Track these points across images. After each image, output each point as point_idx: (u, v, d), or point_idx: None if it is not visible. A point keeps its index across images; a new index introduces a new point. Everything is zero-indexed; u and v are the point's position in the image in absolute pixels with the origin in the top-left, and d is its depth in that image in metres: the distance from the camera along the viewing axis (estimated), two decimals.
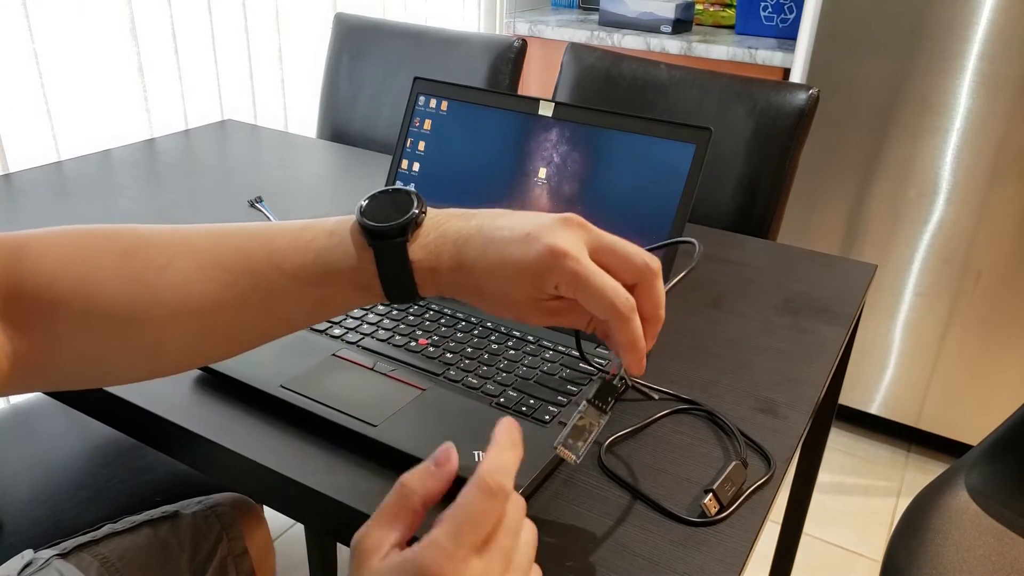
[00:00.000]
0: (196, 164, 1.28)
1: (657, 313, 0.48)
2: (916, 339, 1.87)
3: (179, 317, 0.47)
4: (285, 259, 0.48)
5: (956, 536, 0.94)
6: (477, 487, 0.36)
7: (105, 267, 0.46)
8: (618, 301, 0.45)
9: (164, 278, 0.46)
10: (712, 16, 2.35)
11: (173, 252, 0.47)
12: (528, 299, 0.47)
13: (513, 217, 0.47)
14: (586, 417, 0.47)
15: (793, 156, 1.24)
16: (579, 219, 0.47)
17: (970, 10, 1.57)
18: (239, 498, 0.92)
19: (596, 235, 0.47)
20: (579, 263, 0.45)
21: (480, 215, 0.48)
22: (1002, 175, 1.66)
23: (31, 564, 0.77)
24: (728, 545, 0.55)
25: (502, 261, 0.46)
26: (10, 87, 1.33)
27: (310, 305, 0.49)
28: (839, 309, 0.88)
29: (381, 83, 1.59)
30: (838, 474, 1.92)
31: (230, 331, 0.49)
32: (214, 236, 0.48)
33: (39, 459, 0.99)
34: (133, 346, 0.47)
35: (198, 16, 1.60)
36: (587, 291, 0.45)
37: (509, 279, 0.46)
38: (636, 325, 0.45)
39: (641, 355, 0.46)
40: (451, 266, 0.47)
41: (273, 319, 0.49)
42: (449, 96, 0.84)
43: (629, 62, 1.37)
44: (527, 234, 0.46)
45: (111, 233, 0.48)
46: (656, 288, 0.47)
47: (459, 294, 0.48)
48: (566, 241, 0.45)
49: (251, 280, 0.48)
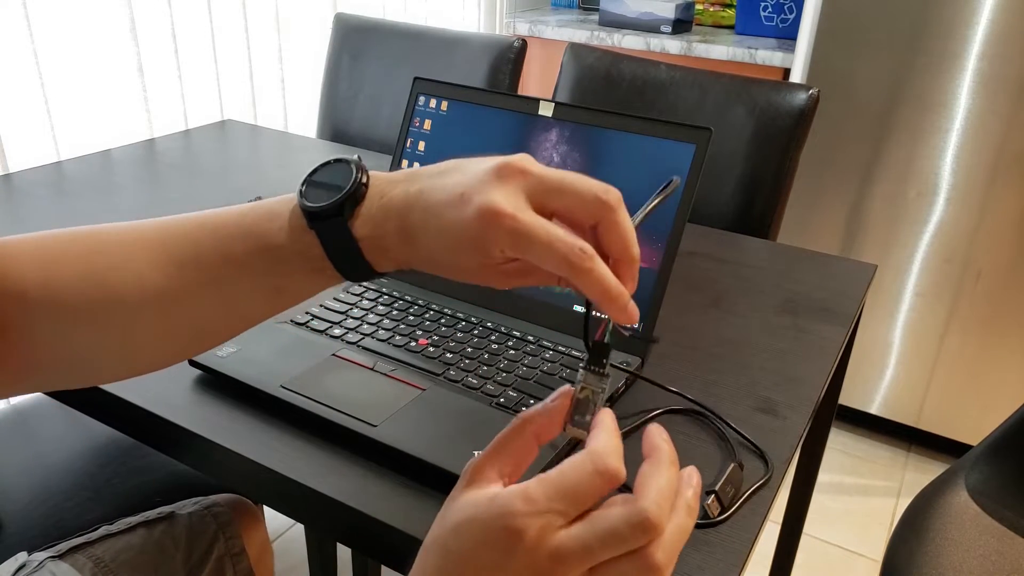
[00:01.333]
0: (196, 164, 1.28)
1: (627, 252, 0.41)
2: (916, 339, 1.87)
3: (141, 314, 0.46)
4: (231, 248, 0.45)
5: (956, 536, 0.94)
6: (591, 459, 0.34)
7: (69, 268, 0.46)
8: (569, 253, 0.38)
9: (121, 276, 0.46)
10: (712, 16, 2.35)
11: (128, 249, 0.46)
12: (480, 265, 0.42)
13: (453, 174, 0.42)
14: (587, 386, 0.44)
15: (793, 156, 1.24)
16: (519, 164, 0.41)
17: (970, 10, 1.57)
18: (236, 498, 0.92)
19: (537, 178, 0.41)
20: (516, 220, 0.39)
21: (425, 174, 0.43)
22: (1002, 175, 1.66)
23: (25, 566, 0.77)
24: (728, 545, 0.55)
25: (441, 229, 0.41)
26: (10, 87, 1.33)
27: (267, 293, 0.46)
28: (839, 309, 0.88)
29: (381, 83, 1.59)
30: (838, 474, 1.92)
31: (193, 324, 0.47)
32: (165, 229, 0.47)
33: (39, 459, 0.99)
34: (104, 345, 0.47)
35: (198, 16, 1.60)
36: (532, 249, 0.39)
37: (453, 248, 0.41)
38: (599, 272, 0.39)
39: (621, 302, 0.40)
40: (399, 238, 0.43)
41: (233, 311, 0.47)
42: (449, 96, 0.84)
43: (629, 62, 1.37)
44: (460, 195, 0.40)
45: (74, 235, 0.47)
46: (618, 223, 0.41)
47: (415, 266, 0.44)
48: (499, 198, 0.39)
49: (202, 273, 0.45)
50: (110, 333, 0.47)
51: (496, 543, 0.34)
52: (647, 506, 0.33)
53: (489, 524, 0.34)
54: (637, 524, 0.33)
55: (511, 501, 0.34)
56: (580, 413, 0.43)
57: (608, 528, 0.33)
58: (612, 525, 0.33)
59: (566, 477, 0.34)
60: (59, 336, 0.46)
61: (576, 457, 0.35)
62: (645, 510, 0.33)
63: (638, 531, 0.33)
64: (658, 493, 0.34)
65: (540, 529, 0.33)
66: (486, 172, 0.41)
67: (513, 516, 0.33)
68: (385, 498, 0.58)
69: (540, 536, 0.33)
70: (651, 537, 0.33)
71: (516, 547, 0.33)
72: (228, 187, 1.19)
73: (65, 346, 0.47)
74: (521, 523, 0.33)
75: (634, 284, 0.42)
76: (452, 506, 0.36)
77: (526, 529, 0.33)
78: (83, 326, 0.46)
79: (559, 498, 0.33)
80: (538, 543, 0.33)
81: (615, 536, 0.33)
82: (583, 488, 0.34)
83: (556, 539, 0.33)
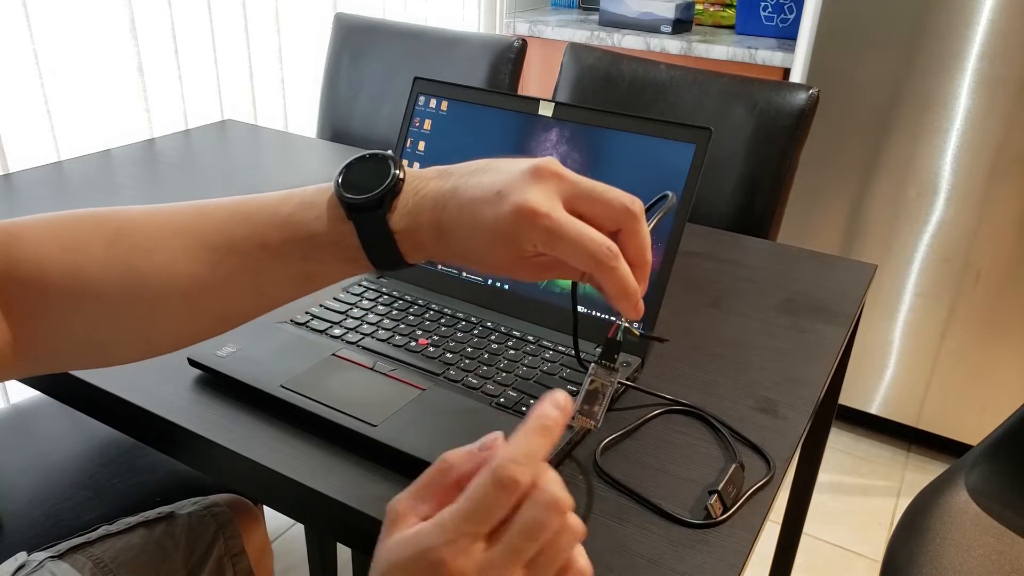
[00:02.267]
0: (196, 164, 1.28)
1: (643, 257, 0.45)
2: (916, 339, 1.87)
3: (168, 299, 0.47)
4: (266, 235, 0.47)
5: (956, 536, 0.94)
6: (490, 474, 0.34)
7: (93, 253, 0.46)
8: (598, 251, 0.42)
9: (151, 261, 0.46)
10: (712, 16, 2.35)
11: (159, 235, 0.47)
12: (512, 259, 0.45)
13: (487, 173, 0.45)
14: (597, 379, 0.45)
15: (793, 156, 1.24)
16: (553, 168, 0.44)
17: (970, 10, 1.57)
18: (236, 498, 0.92)
19: (571, 183, 0.44)
20: (551, 219, 0.42)
21: (457, 173, 0.46)
22: (1002, 175, 1.66)
23: (24, 566, 0.77)
24: (728, 545, 0.55)
25: (476, 224, 0.44)
26: (10, 87, 1.32)
27: (297, 279, 0.48)
28: (839, 309, 0.88)
29: (381, 83, 1.59)
30: (838, 474, 1.92)
31: (220, 309, 0.48)
32: (198, 215, 0.48)
33: (39, 459, 0.99)
34: (126, 328, 0.47)
35: (198, 16, 1.60)
36: (563, 246, 0.42)
37: (487, 242, 0.44)
38: (623, 271, 0.43)
39: (635, 300, 0.44)
40: (432, 233, 0.45)
41: (262, 296, 0.49)
42: (449, 96, 0.84)
43: (629, 62, 1.36)
44: (497, 192, 0.43)
45: (98, 217, 0.48)
46: (639, 232, 0.45)
47: (446, 258, 0.47)
48: (536, 197, 0.42)
49: (237, 259, 0.47)
50: (134, 317, 0.47)
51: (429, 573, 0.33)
52: (496, 460, 0.33)
53: (412, 563, 0.34)
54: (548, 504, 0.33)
55: (427, 536, 0.34)
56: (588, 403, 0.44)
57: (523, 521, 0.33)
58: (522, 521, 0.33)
59: (469, 495, 0.34)
60: (80, 319, 0.46)
61: (478, 475, 0.34)
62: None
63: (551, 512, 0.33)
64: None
65: (457, 554, 0.33)
66: (522, 172, 0.43)
67: (431, 549, 0.33)
68: (385, 498, 0.57)
69: (459, 561, 0.33)
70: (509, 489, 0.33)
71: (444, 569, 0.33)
72: (228, 187, 1.19)
73: (85, 330, 0.47)
74: (439, 554, 0.33)
75: (646, 286, 0.45)
76: (380, 550, 0.36)
77: (445, 559, 0.33)
78: (106, 311, 0.46)
79: (466, 520, 0.33)
80: (461, 568, 0.33)
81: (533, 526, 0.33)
82: (487, 503, 0.33)
83: (475, 560, 0.33)
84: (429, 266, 0.84)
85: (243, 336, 0.72)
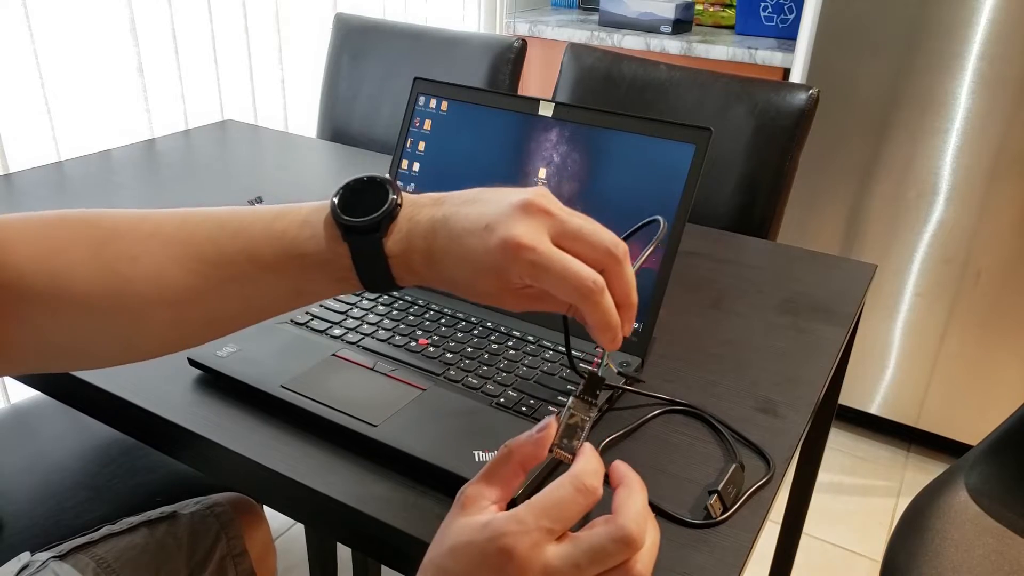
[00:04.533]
0: (196, 164, 1.28)
1: (628, 299, 0.46)
2: (916, 339, 1.87)
3: (154, 307, 0.47)
4: (258, 250, 0.47)
5: (956, 536, 0.94)
6: (570, 479, 0.38)
7: (77, 259, 0.46)
8: (582, 285, 0.43)
9: (137, 269, 0.46)
10: (712, 16, 2.35)
11: (146, 242, 0.47)
12: (500, 289, 0.46)
13: (477, 204, 0.46)
14: (576, 413, 0.46)
15: (793, 156, 1.24)
16: (542, 203, 0.44)
17: (970, 10, 1.57)
18: (238, 498, 0.92)
19: (559, 221, 0.44)
20: (536, 253, 0.43)
21: (450, 201, 0.47)
22: (1002, 175, 1.66)
23: (28, 566, 0.77)
24: (728, 545, 0.55)
25: (465, 255, 0.44)
26: (10, 87, 1.33)
27: (286, 295, 0.48)
28: (839, 309, 0.88)
29: (381, 83, 1.59)
30: (838, 474, 1.92)
31: (206, 319, 0.49)
32: (186, 225, 0.48)
33: (39, 459, 0.99)
34: (108, 335, 0.47)
35: (198, 16, 1.60)
36: (549, 279, 0.43)
37: (475, 273, 0.45)
38: (605, 305, 0.44)
39: (615, 333, 0.45)
40: (423, 259, 0.46)
41: (250, 308, 0.49)
42: (449, 96, 0.84)
43: (629, 62, 1.37)
44: (485, 226, 0.44)
45: (82, 222, 0.47)
46: (623, 274, 0.45)
47: (436, 284, 0.47)
48: (524, 232, 0.43)
49: (226, 271, 0.47)
50: (118, 324, 0.47)
51: (491, 563, 0.37)
52: (627, 523, 0.37)
53: (484, 546, 0.37)
54: (620, 539, 0.37)
55: (503, 524, 0.38)
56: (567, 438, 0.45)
57: (594, 544, 0.37)
58: (598, 541, 0.37)
59: (549, 497, 0.38)
60: (61, 325, 0.46)
61: (559, 480, 0.39)
62: (626, 527, 0.37)
63: (621, 546, 0.37)
64: (636, 512, 0.38)
65: (530, 546, 0.37)
66: (511, 206, 0.44)
67: (504, 536, 0.37)
68: (385, 498, 0.58)
69: (530, 552, 0.37)
70: (632, 551, 0.37)
71: (508, 564, 0.37)
72: (228, 187, 1.19)
73: (65, 335, 0.47)
74: (512, 541, 0.37)
75: (631, 327, 0.47)
76: (448, 531, 0.40)
77: (516, 546, 0.37)
78: (89, 316, 0.46)
79: (544, 516, 0.37)
80: (529, 559, 0.37)
81: (601, 552, 0.37)
82: (565, 506, 0.38)
83: (545, 555, 0.37)
84: None
85: (243, 336, 0.72)
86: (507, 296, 0.47)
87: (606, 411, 0.68)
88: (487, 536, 0.37)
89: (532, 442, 0.42)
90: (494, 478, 0.41)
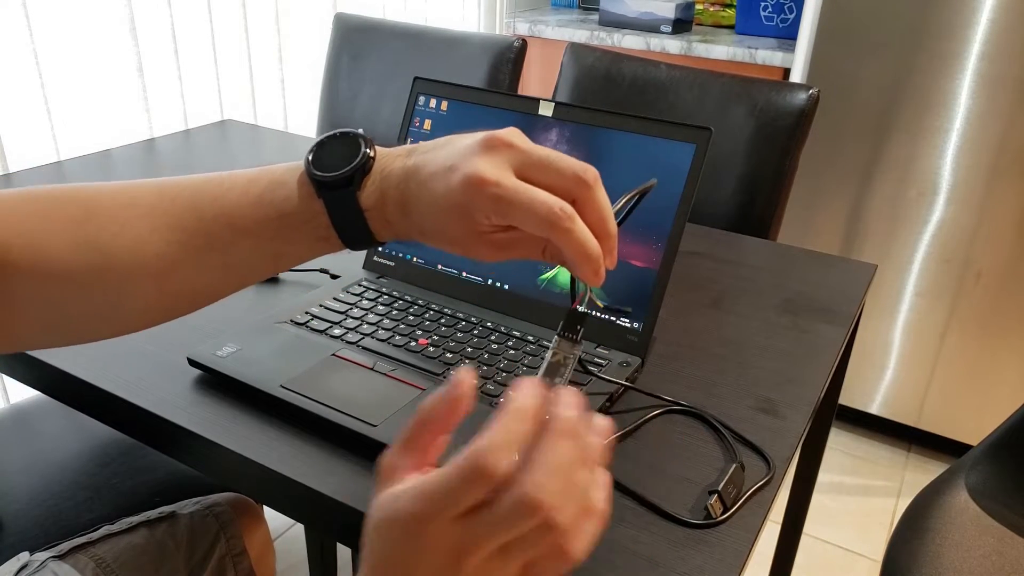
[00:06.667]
0: (196, 164, 1.28)
1: (604, 227, 0.43)
2: (916, 339, 1.87)
3: (136, 279, 0.47)
4: (237, 215, 0.46)
5: (956, 536, 0.94)
6: (466, 460, 0.32)
7: (58, 233, 0.46)
8: (550, 213, 0.41)
9: (118, 242, 0.46)
10: (712, 16, 2.35)
11: (126, 214, 0.47)
12: (469, 234, 0.44)
13: (444, 148, 0.45)
14: (559, 351, 0.44)
15: (793, 156, 1.24)
16: (506, 137, 0.43)
17: (970, 10, 1.57)
18: (238, 498, 0.92)
19: (522, 152, 0.43)
20: (499, 186, 0.41)
21: (420, 149, 0.46)
22: (1002, 175, 1.66)
23: (27, 566, 0.77)
24: (728, 545, 0.55)
25: (433, 200, 0.44)
26: (10, 87, 1.32)
27: (267, 258, 0.48)
28: (839, 309, 0.88)
29: (381, 83, 1.59)
30: (838, 474, 1.92)
31: (189, 288, 0.48)
32: (164, 195, 0.47)
33: (39, 459, 0.99)
34: (93, 308, 0.47)
35: (198, 16, 1.60)
36: (514, 211, 0.41)
37: (442, 216, 0.44)
38: (579, 232, 0.41)
39: (596, 264, 0.42)
40: (397, 209, 0.45)
41: (232, 274, 0.49)
42: (449, 96, 0.84)
43: (629, 62, 1.36)
44: (449, 167, 0.43)
45: (62, 196, 0.47)
46: (596, 200, 0.43)
47: (412, 236, 0.46)
48: (485, 167, 0.42)
49: (205, 239, 0.47)
50: (102, 296, 0.47)
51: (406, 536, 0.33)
52: (476, 446, 0.32)
53: (396, 519, 0.34)
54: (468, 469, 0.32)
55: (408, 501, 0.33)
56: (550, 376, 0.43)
57: (447, 481, 0.32)
58: (448, 478, 0.32)
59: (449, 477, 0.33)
60: (44, 300, 0.46)
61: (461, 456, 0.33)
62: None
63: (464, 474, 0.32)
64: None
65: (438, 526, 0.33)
66: (474, 143, 0.43)
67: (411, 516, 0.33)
68: None
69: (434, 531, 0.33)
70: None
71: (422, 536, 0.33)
72: None
73: (51, 310, 0.47)
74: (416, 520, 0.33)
75: (613, 259, 0.44)
76: (372, 507, 0.36)
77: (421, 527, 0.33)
78: (73, 290, 0.46)
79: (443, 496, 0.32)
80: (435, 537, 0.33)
81: (450, 486, 0.32)
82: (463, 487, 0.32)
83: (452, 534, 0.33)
84: (429, 266, 0.84)
85: (243, 336, 0.72)
86: (479, 241, 0.45)
87: (607, 411, 0.68)
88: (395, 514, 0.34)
89: (446, 403, 0.36)
90: (411, 444, 0.37)
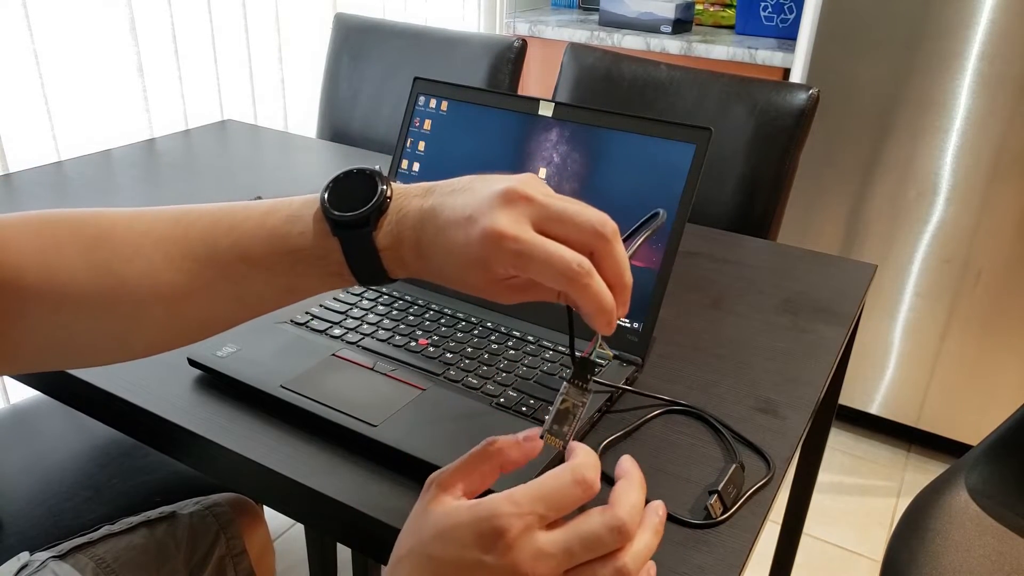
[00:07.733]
0: (196, 164, 1.28)
1: (620, 279, 0.44)
2: (916, 339, 1.87)
3: (148, 306, 0.47)
4: (250, 248, 0.46)
5: (956, 536, 0.94)
6: (570, 470, 0.38)
7: (72, 258, 0.46)
8: (568, 268, 0.41)
9: (131, 268, 0.46)
10: (712, 16, 2.35)
11: (140, 241, 0.47)
12: (487, 281, 0.45)
13: (462, 194, 0.45)
14: (568, 399, 0.45)
15: (793, 156, 1.24)
16: (523, 190, 0.43)
17: (970, 10, 1.57)
18: (238, 498, 0.92)
19: (541, 205, 0.43)
20: (518, 241, 0.42)
21: (438, 191, 0.46)
22: (1002, 175, 1.66)
23: (27, 566, 0.77)
24: (728, 545, 0.55)
25: (450, 248, 0.44)
26: (10, 87, 1.32)
27: (279, 292, 0.48)
28: (839, 309, 0.88)
29: (381, 83, 1.59)
30: (838, 474, 1.92)
31: (200, 316, 0.49)
32: (179, 224, 0.48)
33: (39, 459, 0.99)
34: (104, 333, 0.47)
35: (198, 16, 1.60)
36: (533, 266, 0.42)
37: (461, 265, 0.44)
38: (596, 287, 0.42)
39: (609, 316, 0.43)
40: (413, 251, 0.45)
41: (243, 305, 0.49)
42: (449, 96, 0.84)
43: (629, 62, 1.36)
44: (467, 217, 0.43)
45: (76, 221, 0.47)
46: (613, 254, 0.43)
47: (426, 277, 0.47)
48: (505, 221, 0.42)
49: (218, 270, 0.47)
50: (113, 322, 0.47)
51: (481, 543, 0.37)
52: (622, 513, 0.38)
53: (476, 526, 0.37)
54: (614, 528, 0.37)
55: (497, 504, 0.37)
56: (559, 423, 0.44)
57: (587, 531, 0.37)
58: (591, 528, 0.37)
59: (547, 484, 0.38)
60: (57, 324, 0.46)
61: (557, 469, 0.39)
62: (620, 516, 0.37)
63: (614, 534, 0.37)
64: (631, 506, 0.38)
65: (523, 528, 0.36)
66: (493, 195, 0.43)
67: (498, 517, 0.37)
68: (385, 498, 0.58)
69: (522, 535, 0.36)
70: (624, 542, 0.37)
71: (498, 544, 0.36)
72: (228, 187, 1.19)
73: (62, 334, 0.47)
74: (505, 522, 0.36)
75: (626, 309, 0.45)
76: (428, 517, 0.39)
77: (509, 528, 0.36)
78: (85, 315, 0.46)
79: (540, 502, 0.37)
80: (520, 541, 0.36)
81: (593, 538, 0.37)
82: (562, 495, 0.38)
83: (538, 539, 0.37)
84: None
85: (243, 336, 0.72)
86: (495, 288, 0.46)
87: (606, 411, 0.68)
88: (479, 515, 0.37)
89: (520, 450, 0.41)
90: (472, 469, 0.41)
